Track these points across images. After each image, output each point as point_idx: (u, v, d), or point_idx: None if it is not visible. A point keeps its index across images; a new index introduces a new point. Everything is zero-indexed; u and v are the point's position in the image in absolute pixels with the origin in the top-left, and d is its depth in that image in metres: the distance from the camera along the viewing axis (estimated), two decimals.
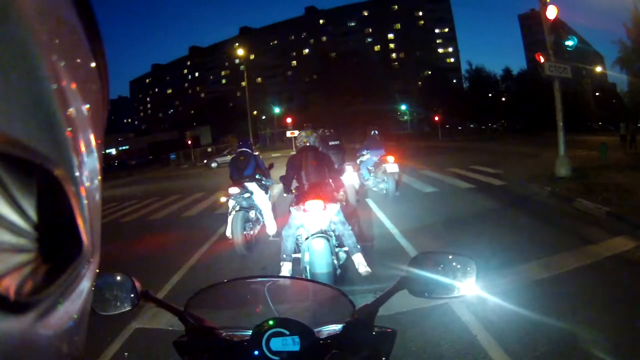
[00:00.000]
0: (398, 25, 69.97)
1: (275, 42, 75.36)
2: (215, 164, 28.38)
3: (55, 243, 0.36)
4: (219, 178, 15.46)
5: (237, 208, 5.35)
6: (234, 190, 5.40)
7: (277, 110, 50.38)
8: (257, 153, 6.19)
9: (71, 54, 0.37)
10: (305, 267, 3.69)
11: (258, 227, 5.78)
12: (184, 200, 11.55)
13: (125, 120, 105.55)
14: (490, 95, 49.14)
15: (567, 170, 8.70)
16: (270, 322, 0.92)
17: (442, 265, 0.99)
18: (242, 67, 47.69)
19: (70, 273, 0.35)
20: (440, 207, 7.16)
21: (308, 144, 4.42)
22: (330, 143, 7.17)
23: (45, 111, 0.32)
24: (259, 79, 70.46)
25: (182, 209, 9.85)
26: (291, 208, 3.97)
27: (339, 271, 3.71)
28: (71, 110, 0.35)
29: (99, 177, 0.43)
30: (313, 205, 3.69)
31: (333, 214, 3.84)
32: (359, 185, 8.00)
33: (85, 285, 0.39)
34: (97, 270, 0.41)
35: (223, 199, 6.26)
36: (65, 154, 0.34)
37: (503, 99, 49.12)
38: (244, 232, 5.16)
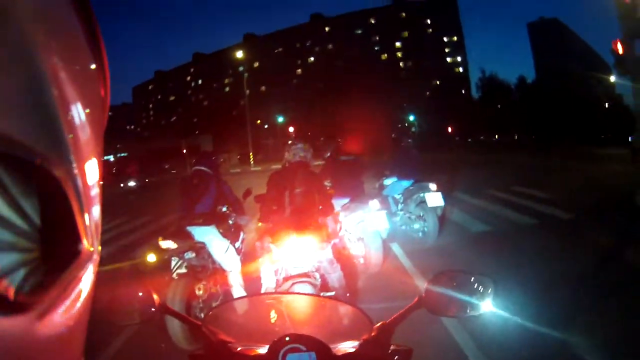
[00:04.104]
0: (406, 34, 68.41)
1: (280, 49, 73.73)
2: (134, 183, 19.99)
3: (55, 243, 0.35)
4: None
5: (182, 269, 3.35)
6: (168, 244, 3.28)
7: (280, 119, 48.68)
8: (220, 169, 4.17)
9: (71, 55, 0.37)
10: None
11: (216, 304, 3.62)
12: (150, 225, 8.72)
13: (128, 127, 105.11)
14: (499, 106, 47.32)
15: None
16: (287, 338, 0.91)
17: (460, 284, 0.98)
18: (245, 74, 46.27)
19: (70, 273, 0.35)
20: (507, 264, 4.56)
21: (300, 159, 3.52)
22: (343, 158, 5.13)
23: (45, 111, 0.32)
24: (263, 87, 68.71)
25: (136, 243, 7.01)
26: (268, 244, 3.23)
27: None
28: (71, 110, 0.35)
29: (99, 178, 0.42)
30: (301, 242, 3.06)
31: (322, 251, 3.26)
32: (388, 233, 5.07)
33: (85, 285, 0.39)
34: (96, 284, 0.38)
35: (151, 258, 3.52)
36: (65, 154, 0.34)
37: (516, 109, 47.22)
38: (195, 315, 3.20)
